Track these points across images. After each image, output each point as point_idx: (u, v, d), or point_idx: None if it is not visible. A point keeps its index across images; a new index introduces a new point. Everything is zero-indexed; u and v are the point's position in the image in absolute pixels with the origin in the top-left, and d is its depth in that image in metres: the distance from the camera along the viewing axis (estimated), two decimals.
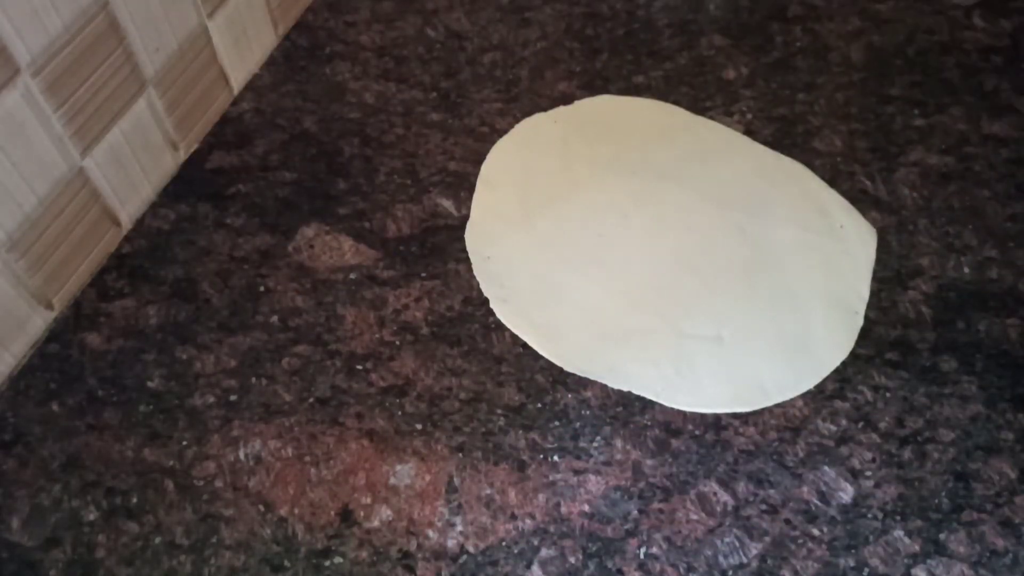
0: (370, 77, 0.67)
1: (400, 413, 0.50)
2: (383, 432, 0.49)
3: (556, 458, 0.48)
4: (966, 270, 0.55)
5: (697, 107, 0.64)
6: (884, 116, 0.63)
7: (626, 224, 0.58)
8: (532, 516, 0.46)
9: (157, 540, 0.46)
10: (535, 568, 0.45)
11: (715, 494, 0.47)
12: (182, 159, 0.61)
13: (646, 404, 0.50)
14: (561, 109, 0.65)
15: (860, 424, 0.49)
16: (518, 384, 0.51)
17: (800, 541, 0.45)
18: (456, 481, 0.48)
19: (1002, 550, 0.45)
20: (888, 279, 0.55)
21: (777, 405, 0.50)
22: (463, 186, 0.60)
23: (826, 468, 0.48)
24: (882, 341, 0.52)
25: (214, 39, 0.61)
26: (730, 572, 0.45)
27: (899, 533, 0.46)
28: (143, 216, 0.59)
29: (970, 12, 0.69)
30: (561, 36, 0.70)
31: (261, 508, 0.47)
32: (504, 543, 0.46)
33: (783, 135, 0.62)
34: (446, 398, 0.51)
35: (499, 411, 0.50)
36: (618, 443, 0.49)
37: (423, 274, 0.56)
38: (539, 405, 0.50)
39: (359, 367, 0.52)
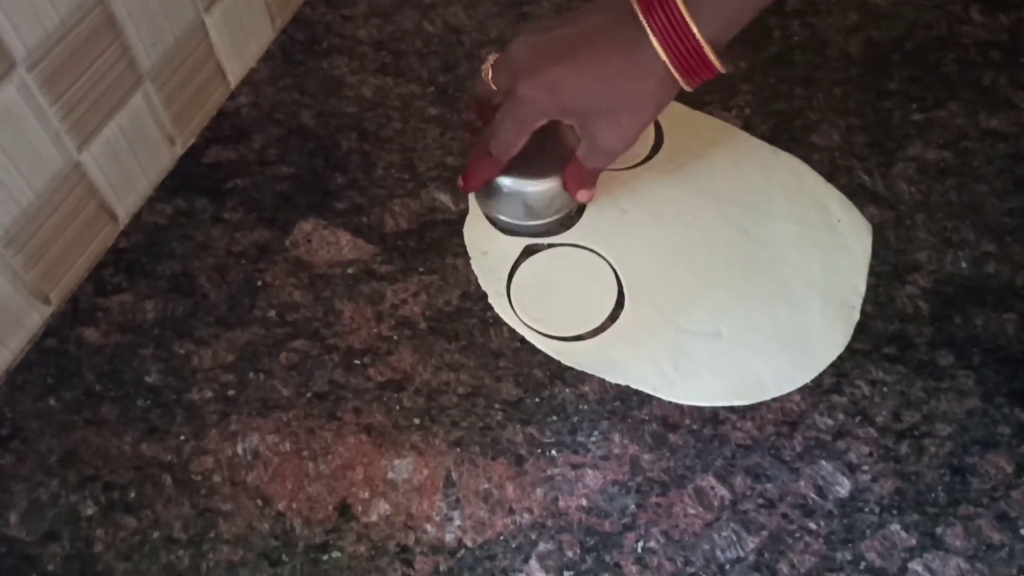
0: (368, 71, 0.67)
1: (398, 408, 0.50)
2: (381, 427, 0.49)
3: (554, 452, 0.48)
4: (963, 265, 0.55)
5: (695, 101, 0.64)
6: (882, 111, 0.63)
7: (623, 219, 0.58)
8: (530, 510, 0.47)
9: (155, 534, 0.46)
10: (533, 562, 0.45)
11: (712, 488, 0.47)
12: (179, 153, 0.61)
13: (644, 398, 0.50)
14: None
15: (857, 418, 0.49)
16: (516, 379, 0.51)
17: (797, 535, 0.46)
18: (454, 475, 0.48)
19: (998, 544, 0.45)
20: (886, 274, 0.55)
21: (774, 399, 0.50)
22: None
23: (823, 462, 0.48)
24: (879, 336, 0.52)
25: (211, 33, 0.61)
26: (727, 566, 0.45)
27: (896, 527, 0.46)
28: (140, 211, 0.59)
29: (968, 7, 0.69)
30: None
31: (259, 502, 0.47)
32: (502, 537, 0.46)
33: (781, 130, 0.62)
34: (444, 393, 0.51)
35: (497, 406, 0.50)
36: (616, 437, 0.49)
37: (421, 269, 0.56)
38: (537, 400, 0.50)
39: (357, 362, 0.52)
